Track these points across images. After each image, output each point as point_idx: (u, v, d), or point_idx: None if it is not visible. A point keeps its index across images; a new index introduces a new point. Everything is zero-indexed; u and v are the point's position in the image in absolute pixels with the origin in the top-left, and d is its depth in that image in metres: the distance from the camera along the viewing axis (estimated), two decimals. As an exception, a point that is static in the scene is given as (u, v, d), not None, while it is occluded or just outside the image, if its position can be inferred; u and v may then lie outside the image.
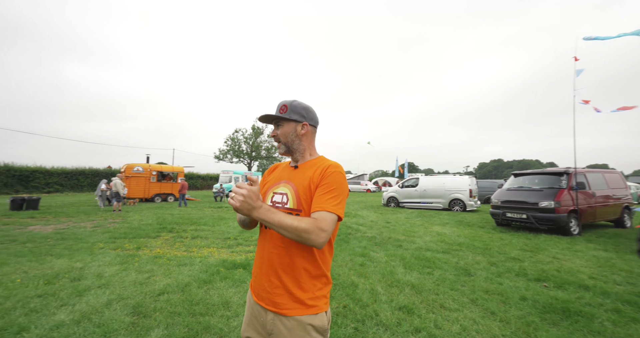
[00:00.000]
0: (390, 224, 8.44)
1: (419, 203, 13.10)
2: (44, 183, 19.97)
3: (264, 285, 1.07)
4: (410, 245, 5.64)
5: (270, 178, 1.25)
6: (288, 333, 1.01)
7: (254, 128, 41.88)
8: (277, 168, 1.29)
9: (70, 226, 7.44)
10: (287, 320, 1.02)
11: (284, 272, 1.05)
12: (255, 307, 1.11)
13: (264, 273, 1.08)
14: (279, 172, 1.25)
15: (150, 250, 5.07)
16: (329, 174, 1.08)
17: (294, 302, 1.03)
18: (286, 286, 1.04)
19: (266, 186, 1.24)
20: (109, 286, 3.19)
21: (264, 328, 1.06)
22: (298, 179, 1.14)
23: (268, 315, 1.05)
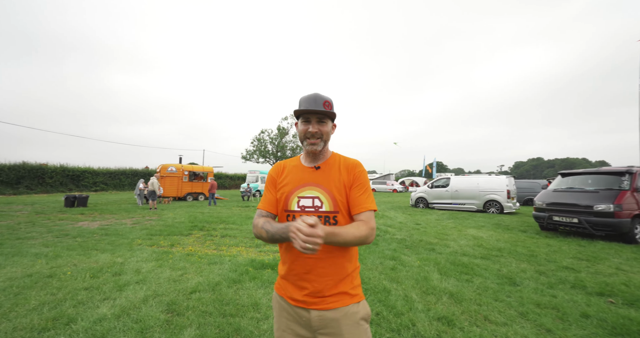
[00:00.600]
0: (421, 226, 8.06)
1: (450, 204, 12.43)
2: (91, 182, 21.95)
3: (305, 287, 1.08)
4: (444, 249, 5.30)
5: (287, 181, 1.17)
6: (337, 324, 1.05)
7: (279, 129, 42.60)
8: (284, 168, 1.21)
9: (113, 222, 8.01)
10: (334, 312, 1.05)
11: (327, 273, 1.07)
12: (292, 309, 1.11)
13: (304, 279, 1.08)
14: (295, 174, 1.18)
15: (182, 247, 5.27)
16: (359, 174, 1.15)
17: (339, 294, 1.07)
18: (329, 284, 1.07)
19: (284, 190, 1.16)
20: (146, 282, 3.32)
21: (309, 327, 1.08)
22: (327, 181, 1.13)
23: (312, 314, 1.06)
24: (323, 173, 1.15)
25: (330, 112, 1.12)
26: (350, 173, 1.15)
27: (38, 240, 5.67)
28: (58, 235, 6.19)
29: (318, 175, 1.15)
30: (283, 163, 1.24)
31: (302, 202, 1.12)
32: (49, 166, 20.27)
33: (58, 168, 20.34)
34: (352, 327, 1.06)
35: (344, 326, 1.05)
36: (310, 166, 1.18)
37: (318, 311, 1.06)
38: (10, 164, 18.46)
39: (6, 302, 2.70)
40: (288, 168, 1.21)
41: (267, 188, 1.21)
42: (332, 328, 1.05)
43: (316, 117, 1.12)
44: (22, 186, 18.42)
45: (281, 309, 1.14)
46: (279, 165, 1.24)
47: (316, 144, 1.13)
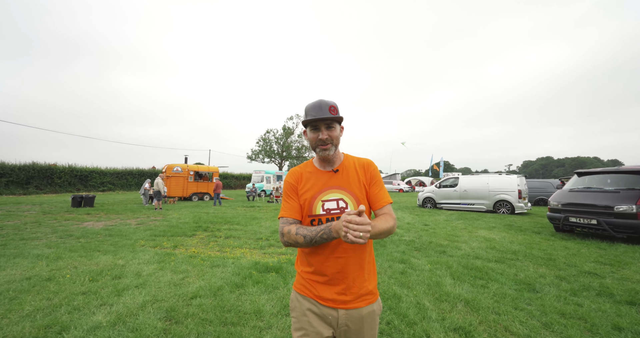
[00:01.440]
0: (429, 227, 7.83)
1: (459, 204, 12.13)
2: (99, 182, 22.17)
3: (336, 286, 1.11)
4: (455, 251, 5.08)
5: (308, 187, 1.19)
6: (361, 321, 1.11)
7: (284, 128, 42.58)
8: (302, 174, 1.23)
9: (117, 223, 7.98)
10: (360, 310, 1.11)
11: (356, 272, 1.12)
12: (319, 309, 1.12)
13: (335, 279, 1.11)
14: (315, 179, 1.20)
15: (186, 248, 5.16)
16: (374, 172, 1.22)
17: (367, 294, 1.13)
18: (357, 282, 1.12)
19: (306, 195, 1.18)
20: (146, 286, 3.20)
21: (335, 326, 1.11)
22: (348, 183, 1.18)
23: (340, 312, 1.10)
24: (342, 175, 1.20)
25: (338, 117, 1.14)
26: (367, 172, 1.22)
27: (42, 241, 5.63)
28: (62, 235, 6.15)
29: (338, 178, 1.19)
30: (299, 170, 1.24)
31: (327, 205, 1.15)
32: (58, 167, 20.55)
33: (66, 169, 20.60)
34: (372, 323, 1.14)
35: (366, 323, 1.12)
36: (328, 169, 1.21)
37: (346, 310, 1.11)
38: (20, 164, 18.75)
39: (0, 307, 2.61)
40: (305, 174, 1.22)
41: (288, 195, 1.20)
42: (355, 325, 1.11)
43: (324, 123, 1.14)
44: (31, 186, 18.70)
45: (304, 309, 1.14)
46: (296, 172, 1.24)
47: (328, 149, 1.16)
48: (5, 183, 17.70)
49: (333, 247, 1.12)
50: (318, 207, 1.15)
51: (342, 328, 1.11)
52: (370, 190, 1.19)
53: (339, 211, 1.14)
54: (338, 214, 1.14)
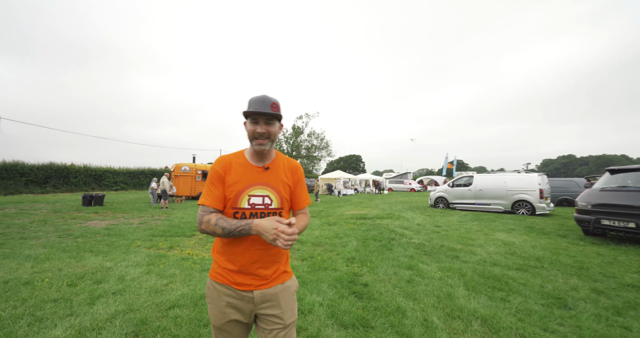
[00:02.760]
0: (441, 228, 7.31)
1: (474, 204, 11.45)
2: (112, 181, 22.68)
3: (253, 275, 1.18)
4: (470, 257, 4.60)
5: (236, 178, 1.19)
6: (277, 297, 1.21)
7: (294, 128, 42.47)
8: (231, 164, 1.22)
9: (120, 222, 7.90)
10: (274, 288, 1.22)
11: (271, 260, 1.22)
12: (235, 293, 1.18)
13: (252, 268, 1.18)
14: (245, 173, 1.21)
15: (181, 250, 4.92)
16: (301, 175, 1.33)
17: (280, 274, 1.25)
18: (272, 268, 1.22)
19: (234, 188, 1.18)
20: (125, 292, 2.94)
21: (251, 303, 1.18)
22: (275, 181, 1.24)
23: (255, 293, 1.18)
24: (271, 173, 1.24)
25: (278, 115, 1.19)
26: (294, 175, 1.31)
27: (40, 240, 5.55)
28: (62, 234, 6.07)
29: (267, 175, 1.24)
30: (228, 159, 1.23)
31: (253, 200, 1.19)
32: (74, 167, 21.14)
33: (81, 168, 21.15)
34: (288, 298, 1.24)
35: (282, 298, 1.22)
36: (259, 165, 1.24)
37: (261, 290, 1.19)
38: (38, 164, 19.37)
39: (-37, 315, 2.40)
40: (235, 166, 1.21)
41: (213, 183, 1.18)
42: (272, 301, 1.20)
43: (264, 118, 1.18)
44: (49, 186, 19.29)
45: (220, 293, 1.19)
46: (225, 161, 1.21)
47: (264, 144, 1.19)
48: (25, 183, 18.32)
49: (253, 240, 1.17)
50: (244, 201, 1.18)
51: (259, 305, 1.19)
52: (295, 192, 1.31)
53: (264, 207, 1.21)
54: (262, 210, 1.20)
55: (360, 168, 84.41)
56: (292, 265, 4.09)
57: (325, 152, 44.35)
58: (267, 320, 1.19)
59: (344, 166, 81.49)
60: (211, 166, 1.23)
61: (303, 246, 5.31)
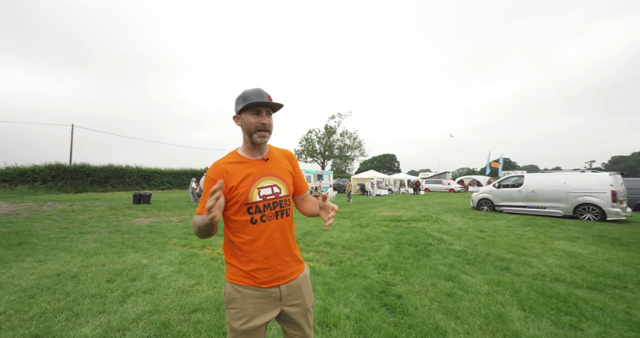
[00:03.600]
0: (486, 234, 6.58)
1: (525, 207, 10.21)
2: (159, 181, 24.77)
3: (277, 268, 1.22)
4: (524, 269, 3.99)
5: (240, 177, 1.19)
6: (299, 288, 1.27)
7: (326, 128, 42.51)
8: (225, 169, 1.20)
9: (162, 220, 8.44)
10: (297, 279, 1.28)
11: (291, 249, 1.27)
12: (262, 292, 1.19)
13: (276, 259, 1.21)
14: (245, 169, 1.21)
15: (212, 249, 5.03)
16: (296, 161, 1.41)
17: (297, 263, 1.30)
18: (293, 257, 1.28)
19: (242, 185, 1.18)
20: (154, 291, 3.00)
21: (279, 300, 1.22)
22: (278, 170, 1.28)
23: (281, 288, 1.22)
24: (272, 163, 1.28)
25: (281, 105, 1.21)
26: (291, 161, 1.39)
27: (94, 235, 6.10)
28: (112, 230, 6.62)
29: (269, 165, 1.27)
30: (221, 164, 1.21)
31: (263, 192, 1.22)
32: (130, 168, 23.50)
33: (134, 169, 23.43)
34: (307, 285, 1.33)
35: (303, 288, 1.29)
36: (259, 158, 1.26)
37: (286, 284, 1.24)
38: (100, 166, 21.88)
39: (16, 305, 2.62)
40: (232, 167, 1.20)
41: (206, 191, 1.17)
42: (296, 293, 1.26)
43: (265, 110, 1.20)
44: (108, 185, 21.67)
45: (246, 297, 1.18)
46: (218, 167, 1.20)
47: (266, 136, 1.21)
48: (90, 182, 20.80)
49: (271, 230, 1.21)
50: (254, 195, 1.19)
51: (286, 299, 1.23)
52: (297, 177, 1.37)
53: (274, 196, 1.23)
54: (273, 199, 1.23)
55: (394, 167, 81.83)
56: (319, 270, 3.91)
57: (358, 151, 43.68)
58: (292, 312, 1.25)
59: (378, 165, 79.64)
60: (206, 174, 1.22)
61: (332, 250, 5.11)
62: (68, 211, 10.24)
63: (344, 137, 42.97)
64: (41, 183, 18.56)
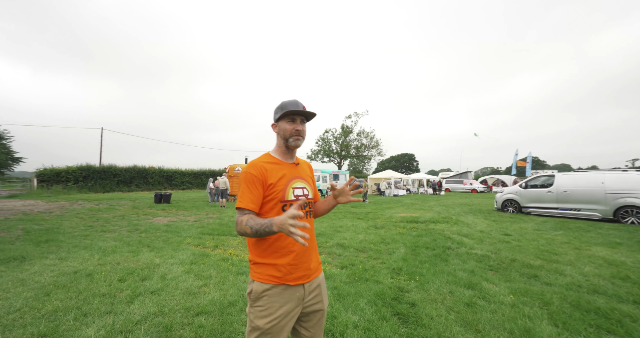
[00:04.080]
0: (512, 238, 6.13)
1: (556, 209, 9.48)
2: (180, 181, 25.71)
3: (304, 266, 1.28)
4: (555, 278, 3.62)
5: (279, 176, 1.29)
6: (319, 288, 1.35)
7: (343, 127, 42.22)
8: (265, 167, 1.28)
9: (179, 219, 8.65)
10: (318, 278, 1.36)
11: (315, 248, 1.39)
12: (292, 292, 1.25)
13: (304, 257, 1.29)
14: (283, 169, 1.32)
15: (224, 249, 5.03)
16: (313, 171, 1.53)
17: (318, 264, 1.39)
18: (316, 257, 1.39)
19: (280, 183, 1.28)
20: (162, 292, 3.00)
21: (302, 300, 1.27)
22: (305, 174, 1.42)
23: (305, 286, 1.28)
24: (301, 168, 1.42)
25: (313, 114, 1.35)
26: (311, 170, 1.51)
27: (115, 234, 6.33)
28: (131, 229, 6.84)
29: (299, 170, 1.40)
30: (260, 162, 1.29)
31: (296, 192, 1.33)
32: (153, 168, 24.56)
33: (156, 170, 24.49)
34: (324, 287, 1.40)
35: (322, 288, 1.37)
36: (291, 162, 1.38)
37: (309, 282, 1.30)
38: (126, 166, 23.06)
39: (32, 302, 2.70)
40: (270, 166, 1.30)
41: (248, 186, 1.23)
42: (316, 293, 1.33)
43: (300, 118, 1.33)
44: (133, 185, 22.77)
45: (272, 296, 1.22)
46: (259, 166, 1.27)
47: (300, 140, 1.33)
48: (116, 182, 21.96)
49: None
50: (290, 193, 1.30)
51: (307, 299, 1.29)
52: (314, 187, 1.47)
53: (304, 197, 1.35)
54: (305, 199, 1.31)
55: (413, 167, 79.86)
56: (330, 273, 3.77)
57: (375, 151, 43.02)
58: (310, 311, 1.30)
59: (396, 165, 78.09)
60: (244, 171, 1.27)
61: (345, 252, 4.95)
62: (95, 209, 10.79)
63: (361, 136, 42.48)
64: (73, 183, 19.81)
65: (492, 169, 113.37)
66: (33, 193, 17.54)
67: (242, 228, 1.14)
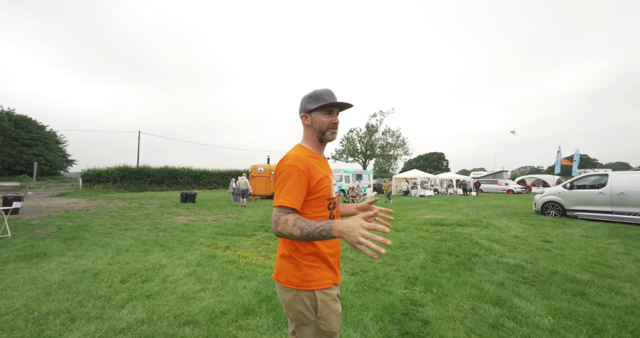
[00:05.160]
0: (553, 245, 5.36)
1: (610, 213, 8.26)
2: (207, 181, 26.77)
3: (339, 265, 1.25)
4: (610, 297, 3.00)
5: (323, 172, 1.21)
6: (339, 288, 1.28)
7: (367, 126, 41.39)
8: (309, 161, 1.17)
9: (199, 218, 8.83)
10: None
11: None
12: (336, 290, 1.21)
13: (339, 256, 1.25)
14: (320, 165, 1.24)
15: (233, 251, 4.93)
16: None
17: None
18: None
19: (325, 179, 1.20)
20: (157, 296, 2.91)
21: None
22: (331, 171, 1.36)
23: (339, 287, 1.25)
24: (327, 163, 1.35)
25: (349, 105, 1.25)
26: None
27: (135, 232, 6.55)
28: (152, 228, 7.05)
29: (328, 165, 1.34)
30: (305, 157, 1.17)
31: (335, 189, 1.28)
32: (184, 169, 25.86)
33: (185, 170, 25.71)
34: None
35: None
36: (323, 156, 1.32)
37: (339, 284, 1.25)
38: (157, 167, 24.47)
39: (30, 302, 2.72)
40: (314, 162, 1.20)
41: (295, 183, 1.10)
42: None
43: (336, 110, 1.25)
44: (164, 185, 24.13)
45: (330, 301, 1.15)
46: (304, 159, 1.16)
47: (336, 133, 1.26)
48: (149, 182, 23.39)
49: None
50: (333, 190, 1.25)
51: None
52: None
53: (337, 194, 1.30)
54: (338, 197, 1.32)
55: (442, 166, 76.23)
56: (336, 281, 3.47)
57: (402, 150, 41.61)
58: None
59: (424, 165, 75.09)
60: (290, 164, 1.13)
61: (358, 256, 4.61)
62: (126, 208, 11.44)
63: (386, 135, 41.34)
64: (112, 183, 21.43)
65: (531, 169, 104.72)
66: (79, 192, 19.22)
67: (288, 229, 1.01)
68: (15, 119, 39.14)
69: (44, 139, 41.37)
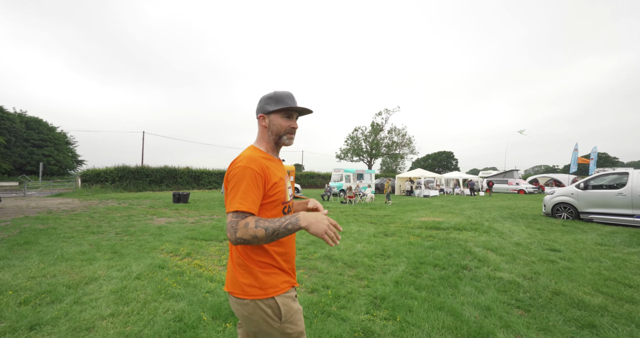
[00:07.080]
0: (560, 255, 4.61)
1: (631, 216, 7.35)
2: (207, 181, 26.50)
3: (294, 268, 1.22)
4: (630, 333, 2.29)
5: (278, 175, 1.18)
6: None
7: (372, 125, 40.49)
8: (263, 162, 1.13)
9: (179, 220, 8.35)
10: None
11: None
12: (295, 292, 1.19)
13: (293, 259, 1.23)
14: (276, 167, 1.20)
15: (191, 259, 4.40)
16: None
17: None
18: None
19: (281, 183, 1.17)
20: (45, 327, 2.33)
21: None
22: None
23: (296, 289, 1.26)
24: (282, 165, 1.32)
25: (309, 111, 1.23)
26: None
27: (101, 236, 6.09)
28: (121, 231, 6.57)
29: (284, 167, 1.30)
30: (259, 159, 1.12)
31: (290, 192, 1.25)
32: (188, 169, 25.69)
33: (185, 170, 25.50)
34: None
35: None
36: (278, 158, 1.28)
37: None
38: (156, 167, 24.36)
39: None
40: (268, 164, 1.16)
41: (250, 186, 1.04)
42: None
43: (296, 114, 1.23)
44: (163, 184, 23.98)
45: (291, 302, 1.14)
46: (258, 160, 1.11)
47: (293, 139, 1.24)
48: (148, 182, 23.29)
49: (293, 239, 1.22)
50: (288, 194, 1.21)
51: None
52: None
53: (291, 197, 1.27)
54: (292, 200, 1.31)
55: (451, 165, 74.32)
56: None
57: (408, 149, 40.56)
58: None
59: (433, 164, 73.41)
60: (244, 166, 1.06)
61: (330, 267, 4.02)
62: (113, 209, 11.10)
63: (392, 134, 40.36)
64: (111, 183, 21.38)
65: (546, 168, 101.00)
66: (77, 192, 19.21)
67: (250, 232, 0.96)
68: (27, 120, 40.12)
69: (54, 140, 42.27)
